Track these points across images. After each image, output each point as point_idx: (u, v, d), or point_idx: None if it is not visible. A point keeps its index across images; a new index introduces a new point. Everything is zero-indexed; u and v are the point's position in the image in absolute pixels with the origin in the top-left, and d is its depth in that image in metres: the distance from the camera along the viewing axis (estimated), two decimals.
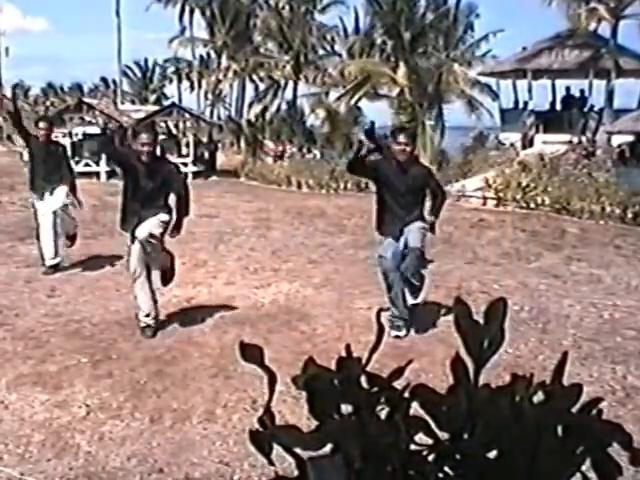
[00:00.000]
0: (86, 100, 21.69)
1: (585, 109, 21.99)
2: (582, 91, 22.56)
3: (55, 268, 7.50)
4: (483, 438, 0.95)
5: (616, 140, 18.68)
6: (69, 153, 15.64)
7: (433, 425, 0.98)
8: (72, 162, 17.75)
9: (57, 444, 3.66)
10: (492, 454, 0.96)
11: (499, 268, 8.12)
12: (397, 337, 5.36)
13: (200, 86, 42.47)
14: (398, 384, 1.02)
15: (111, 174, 18.01)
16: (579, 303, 6.53)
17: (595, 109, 22.17)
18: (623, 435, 0.95)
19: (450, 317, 5.31)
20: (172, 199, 5.57)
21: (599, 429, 0.96)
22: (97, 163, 18.22)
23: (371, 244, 9.18)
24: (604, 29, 22.23)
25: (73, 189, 7.65)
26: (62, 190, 7.48)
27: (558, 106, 23.28)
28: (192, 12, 40.17)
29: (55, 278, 7.28)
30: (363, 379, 1.01)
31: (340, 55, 36.69)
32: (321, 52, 37.49)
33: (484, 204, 13.37)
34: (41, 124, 7.48)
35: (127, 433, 3.79)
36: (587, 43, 21.76)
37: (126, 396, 4.26)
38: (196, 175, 18.37)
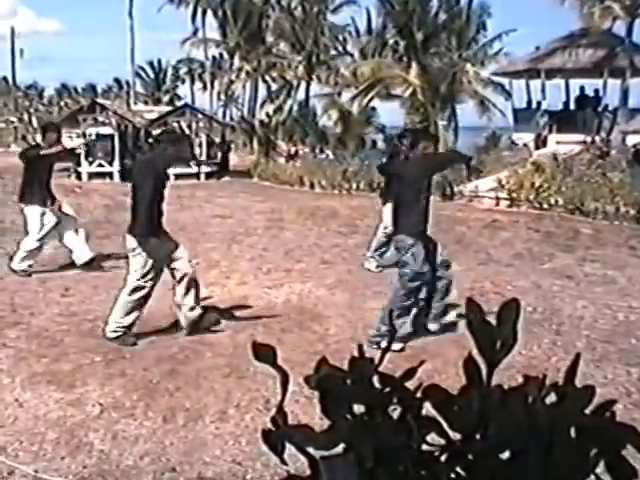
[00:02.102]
0: (99, 101, 21.81)
1: (599, 109, 21.80)
2: (596, 90, 22.37)
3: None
4: (495, 439, 0.95)
5: (631, 140, 18.53)
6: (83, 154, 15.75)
7: (445, 426, 0.98)
8: (86, 162, 17.98)
9: (71, 442, 3.68)
10: (504, 455, 0.96)
11: (512, 269, 8.08)
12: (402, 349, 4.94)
13: (213, 87, 42.65)
14: (410, 384, 1.02)
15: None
16: (593, 304, 6.48)
17: (609, 108, 21.98)
18: (638, 437, 0.94)
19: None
20: None
21: (613, 431, 0.96)
22: (110, 163, 18.32)
23: None
24: (619, 27, 22.07)
25: None
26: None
27: (572, 106, 23.11)
28: (204, 13, 40.37)
29: (69, 277, 7.34)
30: (375, 379, 1.01)
31: (352, 55, 36.72)
32: (333, 52, 37.57)
33: (497, 205, 13.30)
34: None
35: (140, 432, 3.81)
36: (601, 42, 21.57)
37: (139, 395, 4.28)
38: (209, 175, 18.43)
